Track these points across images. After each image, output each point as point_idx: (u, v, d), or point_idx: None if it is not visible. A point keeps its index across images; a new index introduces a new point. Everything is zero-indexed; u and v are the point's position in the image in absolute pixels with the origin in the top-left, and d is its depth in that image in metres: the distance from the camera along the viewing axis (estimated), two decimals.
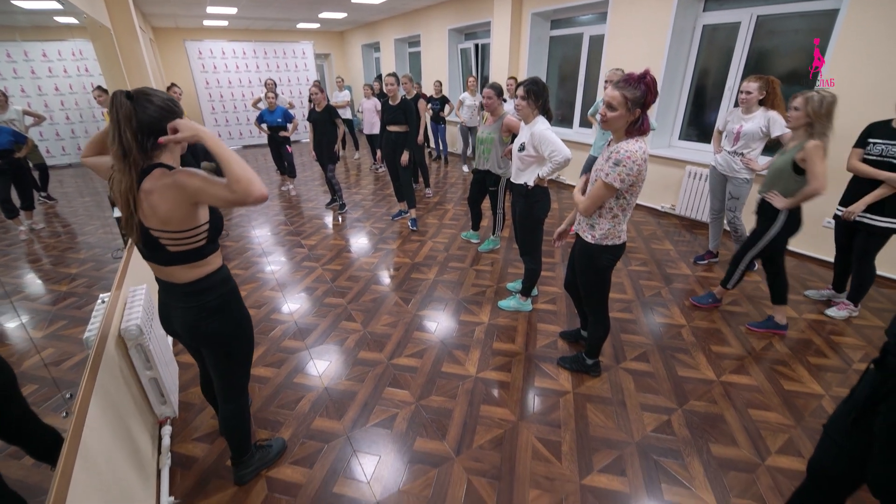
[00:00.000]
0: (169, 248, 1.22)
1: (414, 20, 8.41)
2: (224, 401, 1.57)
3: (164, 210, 1.16)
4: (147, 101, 1.12)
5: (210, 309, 1.35)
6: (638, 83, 1.58)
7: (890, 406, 1.00)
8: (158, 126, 1.14)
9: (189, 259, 1.27)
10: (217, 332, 1.38)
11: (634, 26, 4.52)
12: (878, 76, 2.98)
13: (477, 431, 1.94)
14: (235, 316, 1.43)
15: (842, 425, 1.15)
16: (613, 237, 1.84)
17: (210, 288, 1.34)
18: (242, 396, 1.60)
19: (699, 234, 4.15)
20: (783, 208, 2.31)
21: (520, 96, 2.32)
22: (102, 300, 1.74)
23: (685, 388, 2.19)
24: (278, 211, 5.16)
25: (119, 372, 1.67)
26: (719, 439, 1.89)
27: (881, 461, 1.02)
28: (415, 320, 2.81)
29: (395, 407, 2.09)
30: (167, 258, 1.25)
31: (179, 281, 1.30)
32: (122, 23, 3.79)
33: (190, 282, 1.30)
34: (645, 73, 1.59)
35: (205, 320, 1.35)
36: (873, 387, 1.07)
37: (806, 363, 2.36)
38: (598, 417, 2.01)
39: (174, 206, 1.16)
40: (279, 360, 2.45)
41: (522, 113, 2.38)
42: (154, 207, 1.16)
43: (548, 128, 2.33)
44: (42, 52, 2.49)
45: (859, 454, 1.09)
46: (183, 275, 1.29)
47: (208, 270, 1.33)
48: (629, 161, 1.61)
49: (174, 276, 1.30)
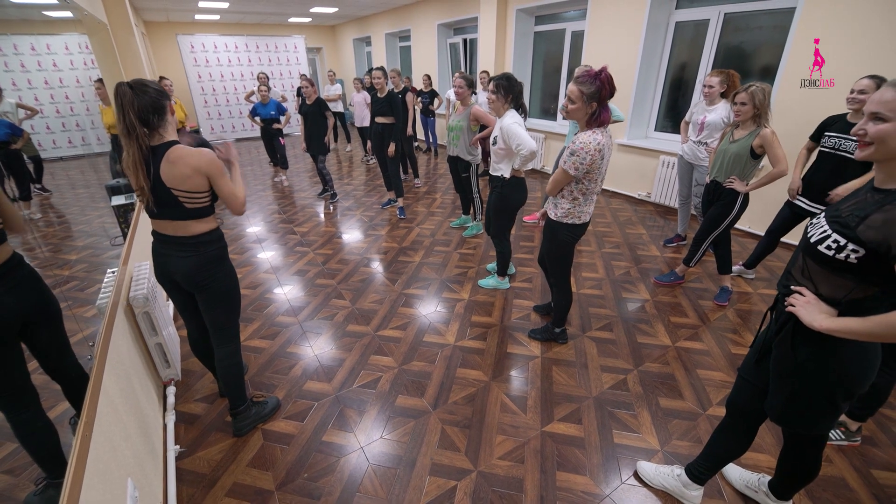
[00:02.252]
0: (185, 205, 1.53)
1: (404, 15, 8.55)
2: (220, 344, 1.80)
3: (186, 174, 1.48)
4: (145, 87, 1.41)
5: (212, 257, 1.65)
6: (594, 79, 1.77)
7: (776, 342, 1.22)
8: (158, 104, 1.42)
9: (200, 215, 1.58)
10: (214, 276, 1.68)
11: (612, 22, 4.72)
12: (830, 70, 3.21)
13: (452, 390, 2.16)
14: (228, 265, 1.74)
15: (749, 365, 1.37)
16: (573, 217, 2.06)
17: (212, 241, 1.65)
18: (235, 339, 1.85)
19: (671, 220, 4.38)
20: (745, 192, 2.53)
21: (490, 90, 2.50)
22: (112, 271, 1.92)
23: (642, 353, 2.42)
24: (271, 201, 5.33)
25: (129, 335, 1.86)
26: (668, 394, 2.13)
27: (773, 391, 1.25)
28: (400, 298, 3.02)
29: (380, 371, 2.30)
30: (183, 213, 1.54)
31: (189, 233, 1.58)
32: (118, 18, 3.93)
33: (198, 234, 1.60)
34: (602, 69, 1.78)
35: (204, 266, 1.64)
36: (769, 330, 1.29)
37: (755, 331, 2.60)
38: (561, 377, 2.24)
39: (194, 173, 1.49)
40: (273, 332, 2.65)
41: (493, 107, 2.55)
42: (181, 173, 1.47)
43: (516, 122, 2.46)
44: (31, 46, 2.59)
45: (763, 388, 1.32)
46: (193, 228, 1.59)
47: (212, 226, 1.65)
48: (582, 152, 1.82)
49: (185, 230, 1.58)
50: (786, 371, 1.19)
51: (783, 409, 1.23)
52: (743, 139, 2.45)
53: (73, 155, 3.18)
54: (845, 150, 2.42)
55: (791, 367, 1.17)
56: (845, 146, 2.42)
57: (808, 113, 3.24)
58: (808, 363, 1.13)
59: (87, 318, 1.94)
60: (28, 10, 2.76)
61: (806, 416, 1.19)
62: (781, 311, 1.22)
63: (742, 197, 2.55)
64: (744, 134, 2.45)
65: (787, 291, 1.17)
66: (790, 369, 1.17)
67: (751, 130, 2.42)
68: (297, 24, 10.92)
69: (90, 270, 2.62)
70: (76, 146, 3.21)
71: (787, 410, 1.22)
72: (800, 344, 1.14)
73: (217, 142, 2.02)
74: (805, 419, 1.20)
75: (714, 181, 2.65)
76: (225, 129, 9.79)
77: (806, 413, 1.19)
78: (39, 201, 2.58)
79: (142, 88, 1.39)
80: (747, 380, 1.37)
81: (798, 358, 1.15)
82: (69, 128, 3.07)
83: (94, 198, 3.41)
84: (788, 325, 1.17)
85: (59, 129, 2.93)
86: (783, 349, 1.19)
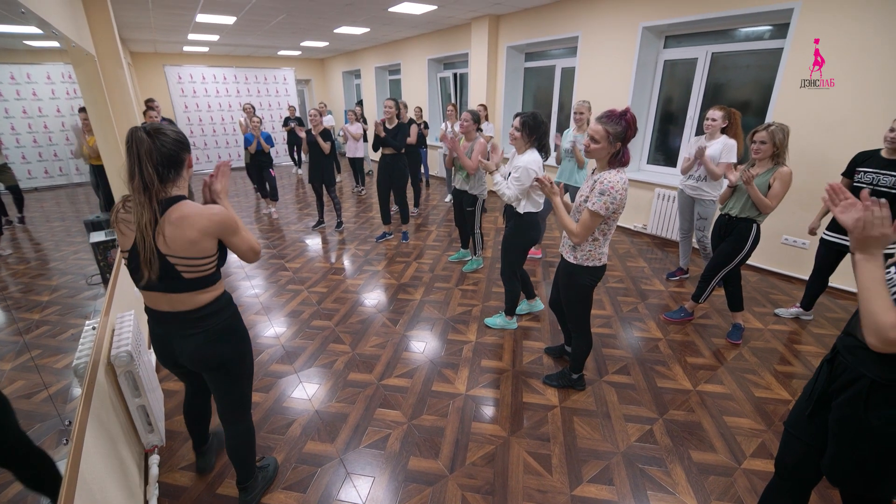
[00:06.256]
0: (184, 275, 1.26)
1: (394, 50, 8.71)
2: (232, 422, 1.57)
3: (192, 239, 1.22)
4: (164, 136, 1.20)
5: (218, 331, 1.39)
6: (619, 119, 1.73)
7: (840, 401, 1.12)
8: (178, 158, 1.22)
9: (202, 285, 1.32)
10: (226, 353, 1.42)
11: (602, 61, 4.85)
12: (819, 106, 3.32)
13: (469, 448, 1.98)
14: (241, 335, 1.48)
15: (800, 421, 1.26)
16: (594, 259, 1.97)
17: (218, 311, 1.38)
18: (248, 414, 1.61)
19: (669, 252, 4.38)
20: (737, 183, 2.53)
21: (514, 126, 2.46)
22: (93, 327, 1.72)
23: (664, 399, 2.30)
24: (260, 234, 5.14)
25: (109, 400, 1.64)
26: (698, 446, 1.99)
27: (834, 452, 1.14)
28: (403, 340, 2.85)
29: (388, 427, 2.11)
30: (182, 285, 1.28)
31: (189, 307, 1.33)
32: (106, 49, 3.82)
33: (199, 307, 1.34)
34: (626, 110, 1.75)
35: (213, 343, 1.38)
36: (826, 383, 1.19)
37: (773, 371, 2.53)
38: (584, 430, 2.09)
39: (203, 237, 1.24)
40: (267, 384, 2.44)
41: (515, 143, 2.51)
42: (182, 235, 1.21)
43: (533, 161, 2.39)
44: (10, 75, 2.49)
45: (817, 446, 1.20)
46: (193, 300, 1.32)
47: (216, 294, 1.38)
48: (612, 191, 1.76)
49: (184, 303, 1.32)
50: (853, 434, 1.08)
51: (846, 474, 1.12)
52: (761, 175, 2.46)
53: (49, 185, 3.02)
54: (885, 186, 2.46)
55: (861, 430, 1.06)
56: (884, 181, 2.46)
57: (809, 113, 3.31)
58: (887, 428, 1.03)
59: (58, 369, 1.72)
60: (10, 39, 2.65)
61: (872, 479, 1.08)
62: (845, 365, 1.13)
63: (754, 233, 2.52)
64: (762, 171, 2.47)
65: (849, 343, 1.09)
66: (859, 433, 1.07)
67: (768, 168, 2.45)
68: (286, 57, 11.02)
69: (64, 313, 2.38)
70: (52, 176, 3.06)
71: (851, 475, 1.11)
72: (876, 405, 1.04)
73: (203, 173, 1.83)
74: (871, 482, 1.09)
75: (727, 215, 2.63)
76: (211, 160, 9.62)
77: (873, 477, 1.08)
78: (11, 235, 2.39)
79: (161, 135, 1.19)
80: (797, 436, 1.26)
81: (872, 421, 1.04)
82: (46, 157, 2.93)
83: (70, 231, 3.17)
84: (860, 384, 1.07)
85: (35, 158, 2.79)
86: (852, 410, 1.08)
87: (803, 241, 3.61)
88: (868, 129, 3.06)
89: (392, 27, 7.00)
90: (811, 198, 3.41)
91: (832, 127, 3.28)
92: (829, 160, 3.30)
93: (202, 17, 5.84)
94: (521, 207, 2.53)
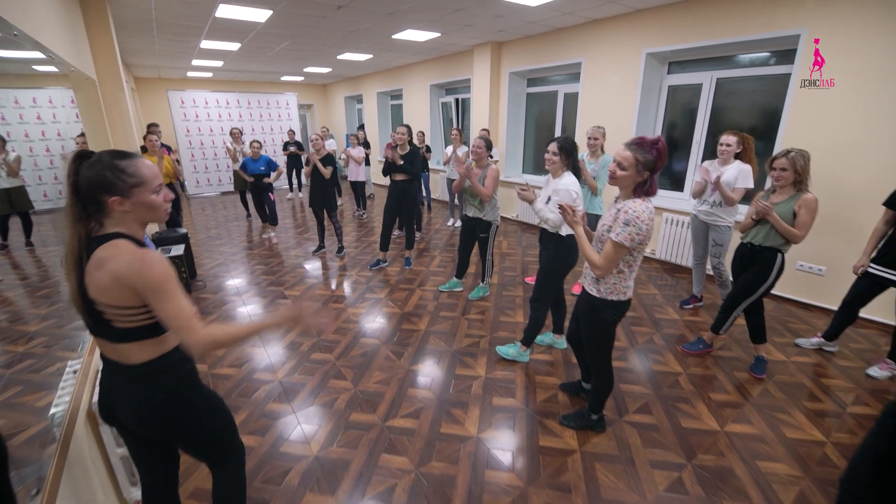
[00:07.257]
0: (114, 324, 1.06)
1: (397, 75, 8.82)
2: (216, 466, 1.37)
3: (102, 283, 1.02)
4: (91, 168, 1.02)
5: (165, 392, 1.16)
6: (651, 148, 1.64)
7: None
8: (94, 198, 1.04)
9: (136, 337, 1.09)
10: (168, 424, 1.18)
11: (606, 87, 4.87)
12: (829, 130, 3.27)
13: (484, 501, 1.81)
14: (194, 399, 1.23)
15: (861, 479, 1.11)
16: (618, 293, 1.85)
17: (160, 372, 1.14)
18: (233, 455, 1.38)
19: (680, 278, 4.26)
20: (764, 215, 2.38)
21: (552, 151, 2.44)
22: (74, 370, 1.58)
23: (691, 441, 2.13)
24: (259, 260, 5.02)
25: (87, 451, 1.49)
26: (733, 496, 1.83)
27: None
28: (408, 376, 2.69)
29: (394, 476, 1.94)
30: (114, 334, 1.08)
31: (129, 361, 1.11)
32: (108, 74, 3.79)
33: (140, 363, 1.11)
34: (657, 139, 1.65)
35: (158, 406, 1.16)
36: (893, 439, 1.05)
37: (803, 408, 2.37)
38: (608, 478, 1.92)
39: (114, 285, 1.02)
40: (263, 426, 2.26)
41: (552, 168, 2.50)
42: (96, 278, 1.02)
43: (572, 183, 2.41)
44: (14, 99, 2.48)
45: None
46: (133, 354, 1.10)
47: (159, 351, 1.13)
48: (638, 221, 1.65)
49: (123, 356, 1.11)
50: None
51: None
52: (783, 203, 2.38)
53: (47, 209, 2.97)
54: None
55: None
56: None
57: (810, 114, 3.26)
58: None
59: (38, 408, 1.56)
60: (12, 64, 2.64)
61: None
62: None
63: (779, 263, 2.42)
64: (783, 198, 2.39)
65: None
66: None
67: (791, 195, 2.37)
68: (289, 83, 11.17)
69: (50, 345, 2.23)
70: (51, 199, 3.03)
71: None
72: None
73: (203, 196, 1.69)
74: None
75: (749, 244, 2.53)
76: (211, 183, 9.59)
77: None
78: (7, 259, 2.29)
79: (90, 167, 1.02)
80: (856, 497, 1.11)
81: None
82: (46, 181, 2.88)
83: None
84: None
85: (34, 182, 2.75)
86: None
87: (819, 266, 3.51)
88: (883, 155, 3.01)
89: (395, 53, 7.09)
90: (825, 222, 3.32)
91: (843, 150, 3.23)
92: (842, 183, 3.24)
93: (206, 43, 5.89)
94: (563, 230, 2.46)
